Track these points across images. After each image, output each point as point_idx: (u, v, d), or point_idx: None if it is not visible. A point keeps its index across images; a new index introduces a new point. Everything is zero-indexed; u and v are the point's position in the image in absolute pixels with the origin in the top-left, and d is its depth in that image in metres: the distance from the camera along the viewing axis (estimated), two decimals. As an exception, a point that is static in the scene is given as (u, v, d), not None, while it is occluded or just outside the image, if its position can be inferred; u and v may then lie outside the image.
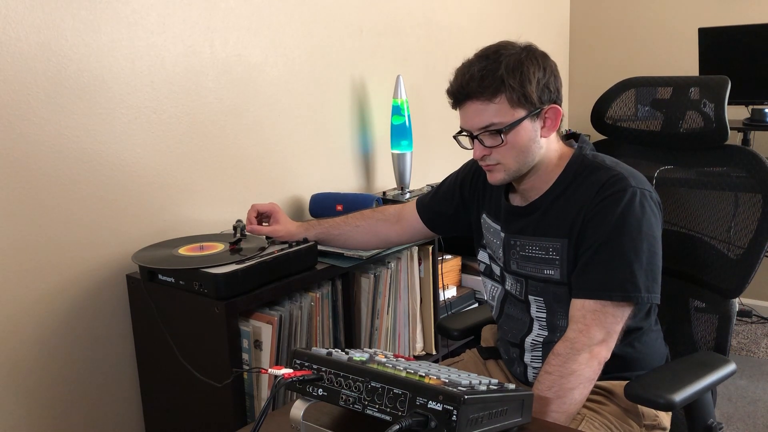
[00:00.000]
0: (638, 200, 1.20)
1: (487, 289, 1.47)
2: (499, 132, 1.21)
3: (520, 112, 1.21)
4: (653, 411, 1.25)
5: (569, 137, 1.35)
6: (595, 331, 1.19)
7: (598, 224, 1.21)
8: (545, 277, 1.28)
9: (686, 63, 3.09)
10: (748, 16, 2.96)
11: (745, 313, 3.19)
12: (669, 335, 1.42)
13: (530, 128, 1.23)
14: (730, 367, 1.25)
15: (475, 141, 1.25)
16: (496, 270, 1.41)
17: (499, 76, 1.18)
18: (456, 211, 1.51)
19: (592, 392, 1.24)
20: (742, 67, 2.82)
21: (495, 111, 1.20)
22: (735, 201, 1.39)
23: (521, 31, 3.26)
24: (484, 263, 1.46)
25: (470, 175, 1.48)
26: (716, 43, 2.87)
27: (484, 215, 1.44)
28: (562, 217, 1.26)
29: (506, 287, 1.38)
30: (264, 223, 1.67)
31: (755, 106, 2.89)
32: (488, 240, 1.42)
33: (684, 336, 1.47)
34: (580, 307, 1.21)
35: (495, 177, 1.28)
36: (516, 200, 1.36)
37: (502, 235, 1.36)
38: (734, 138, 3.01)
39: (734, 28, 2.82)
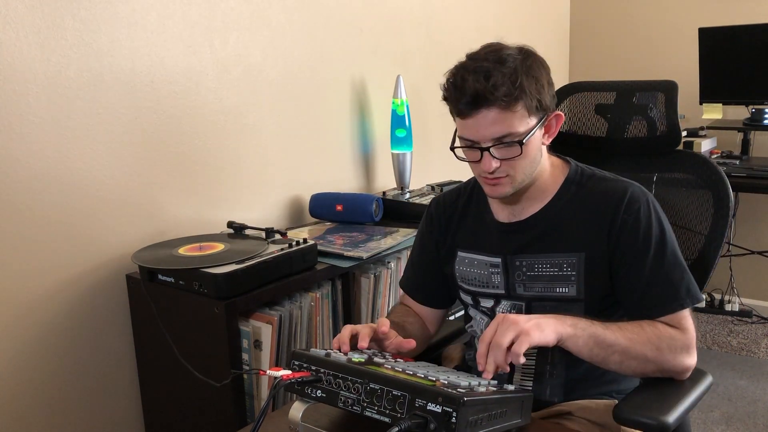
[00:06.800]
0: (653, 205, 1.18)
1: (476, 323, 1.35)
2: (517, 143, 1.12)
3: (533, 120, 1.13)
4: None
5: None
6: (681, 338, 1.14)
7: (636, 239, 1.16)
8: (558, 296, 1.20)
9: (686, 63, 3.09)
10: (748, 16, 2.96)
11: (745, 313, 3.19)
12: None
13: (539, 136, 1.16)
14: (708, 378, 1.19)
15: (485, 153, 1.13)
16: (487, 303, 1.30)
17: (518, 81, 1.08)
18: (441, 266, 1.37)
19: (561, 413, 1.18)
20: (742, 67, 2.82)
21: (514, 120, 1.11)
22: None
23: (521, 30, 3.26)
24: (469, 304, 1.35)
25: (436, 221, 1.37)
26: (716, 43, 2.87)
27: (458, 252, 1.33)
28: (575, 230, 1.20)
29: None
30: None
31: (755, 106, 2.89)
32: (470, 274, 1.31)
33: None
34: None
35: (501, 190, 1.19)
36: (504, 217, 1.27)
37: (498, 259, 1.26)
38: (734, 138, 3.02)
39: (734, 28, 2.82)
